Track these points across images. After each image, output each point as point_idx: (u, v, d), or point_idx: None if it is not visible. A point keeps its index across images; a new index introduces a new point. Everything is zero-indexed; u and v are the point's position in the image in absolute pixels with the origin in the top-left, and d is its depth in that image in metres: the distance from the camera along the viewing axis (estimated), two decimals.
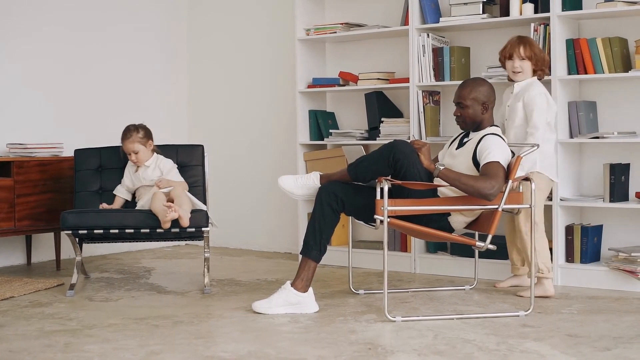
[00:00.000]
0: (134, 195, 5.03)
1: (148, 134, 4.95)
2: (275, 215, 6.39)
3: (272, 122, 6.41)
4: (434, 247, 5.36)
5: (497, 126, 4.27)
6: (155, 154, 4.98)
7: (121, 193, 5.00)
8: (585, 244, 4.78)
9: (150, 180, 4.90)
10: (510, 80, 4.65)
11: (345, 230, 5.53)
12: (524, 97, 4.49)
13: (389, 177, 4.03)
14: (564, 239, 4.83)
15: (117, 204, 4.97)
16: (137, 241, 4.99)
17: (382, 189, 3.90)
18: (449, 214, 4.15)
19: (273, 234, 6.41)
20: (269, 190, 6.39)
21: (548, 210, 4.88)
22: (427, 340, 3.52)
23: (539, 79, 4.61)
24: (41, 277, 5.20)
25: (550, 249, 4.82)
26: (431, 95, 5.35)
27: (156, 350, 3.40)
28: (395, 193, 4.03)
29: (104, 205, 4.93)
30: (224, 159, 6.58)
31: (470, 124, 4.24)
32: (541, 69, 4.59)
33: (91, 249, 6.04)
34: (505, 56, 4.63)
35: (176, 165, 5.05)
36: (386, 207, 3.88)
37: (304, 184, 4.25)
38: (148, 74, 6.59)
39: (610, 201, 4.69)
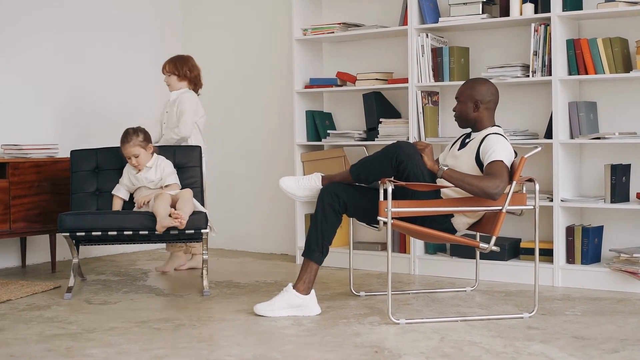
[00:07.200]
0: (131, 196, 4.98)
1: (147, 137, 4.90)
2: (271, 216, 6.35)
3: (269, 123, 6.37)
4: (434, 248, 5.34)
5: (499, 126, 4.24)
6: (155, 155, 4.94)
7: (120, 193, 4.93)
8: (586, 244, 4.76)
9: (151, 181, 4.86)
10: None
11: (342, 232, 5.49)
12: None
13: (392, 178, 4.00)
14: (564, 240, 4.81)
15: (117, 205, 4.92)
16: (135, 243, 4.94)
17: (385, 190, 3.87)
18: (451, 216, 4.12)
19: (270, 235, 6.37)
20: (265, 191, 6.35)
21: (549, 210, 4.86)
22: (434, 343, 3.49)
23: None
24: (37, 280, 5.14)
25: (550, 250, 4.82)
26: (430, 96, 5.33)
27: (160, 354, 3.36)
28: (398, 194, 4.00)
29: None
30: (221, 159, 6.53)
31: (463, 120, 4.22)
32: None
33: (85, 251, 5.98)
34: None
35: (175, 171, 4.99)
36: (390, 209, 3.85)
37: (305, 185, 4.21)
38: (143, 75, 6.53)
39: (611, 202, 4.67)
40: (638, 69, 4.60)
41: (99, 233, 4.56)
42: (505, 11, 5.02)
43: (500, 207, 3.96)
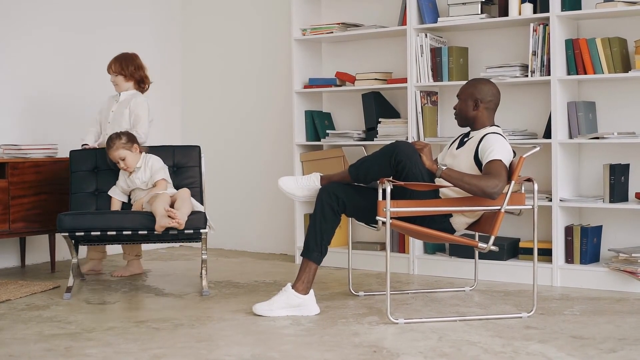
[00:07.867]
0: (129, 197, 4.99)
1: (131, 139, 4.90)
2: (271, 216, 6.35)
3: (268, 123, 6.37)
4: (433, 248, 5.34)
5: (497, 126, 4.24)
6: (143, 153, 4.94)
7: (117, 195, 4.95)
8: (585, 244, 4.77)
9: (143, 181, 4.86)
10: None
11: (341, 232, 5.49)
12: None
13: (390, 178, 4.00)
14: (563, 240, 4.82)
15: (115, 206, 4.93)
16: (134, 243, 4.94)
17: (384, 190, 3.87)
18: (450, 215, 4.12)
19: (269, 235, 6.37)
20: (264, 191, 6.36)
21: (547, 210, 4.87)
22: (432, 343, 3.50)
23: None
24: (36, 280, 5.14)
25: (549, 250, 4.82)
26: (429, 96, 5.33)
27: (159, 354, 3.36)
28: (397, 194, 4.00)
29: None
30: (220, 159, 6.53)
31: (462, 119, 4.24)
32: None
33: (85, 251, 5.96)
34: None
35: (166, 166, 4.99)
36: (389, 209, 3.85)
37: (304, 185, 4.22)
38: None
39: (610, 202, 4.67)
40: (637, 68, 4.60)
41: (98, 233, 4.56)
42: (504, 11, 5.03)
43: (499, 207, 3.96)
